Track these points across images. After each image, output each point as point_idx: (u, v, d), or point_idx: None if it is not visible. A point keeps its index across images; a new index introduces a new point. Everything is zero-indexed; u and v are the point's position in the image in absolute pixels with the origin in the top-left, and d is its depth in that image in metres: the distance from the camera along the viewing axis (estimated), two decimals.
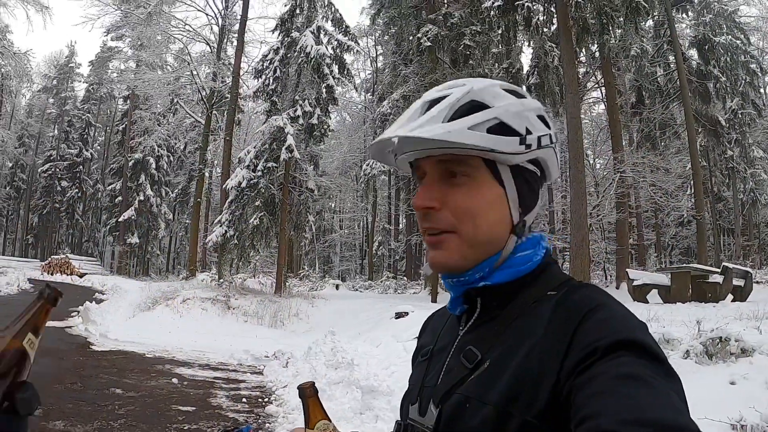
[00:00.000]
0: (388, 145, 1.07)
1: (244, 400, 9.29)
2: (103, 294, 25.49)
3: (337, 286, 31.31)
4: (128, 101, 49.80)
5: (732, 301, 15.56)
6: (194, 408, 8.35)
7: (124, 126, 50.57)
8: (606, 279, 28.37)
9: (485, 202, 1.01)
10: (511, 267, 1.02)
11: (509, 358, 0.93)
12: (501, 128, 1.00)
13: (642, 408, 0.72)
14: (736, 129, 32.81)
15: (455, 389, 0.99)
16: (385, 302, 20.36)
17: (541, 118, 1.05)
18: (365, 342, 12.09)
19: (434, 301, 21.63)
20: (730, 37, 31.04)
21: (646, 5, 19.34)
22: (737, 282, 16.52)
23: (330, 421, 1.02)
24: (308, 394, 1.03)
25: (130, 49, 45.91)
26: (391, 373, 9.45)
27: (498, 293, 1.03)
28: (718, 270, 17.06)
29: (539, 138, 1.03)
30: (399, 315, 14.13)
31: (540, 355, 0.89)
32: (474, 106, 1.00)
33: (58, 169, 56.64)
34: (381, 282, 32.91)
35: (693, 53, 31.46)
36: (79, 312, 17.85)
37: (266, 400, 9.44)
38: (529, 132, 1.02)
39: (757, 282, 21.19)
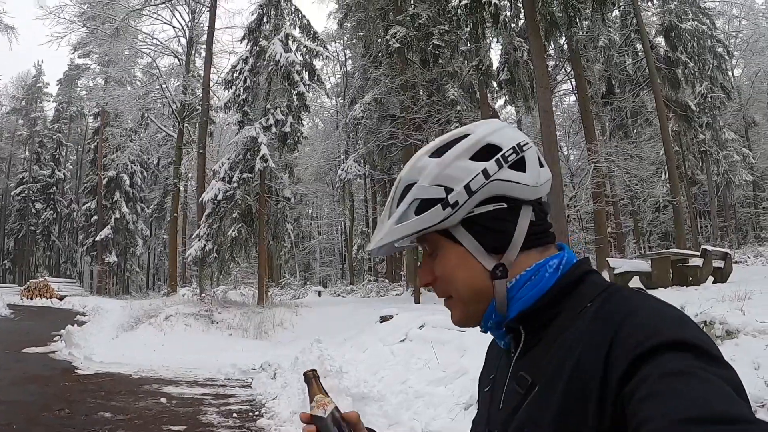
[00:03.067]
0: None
1: (234, 415, 9.24)
2: (85, 315, 25.26)
3: (319, 293, 31.25)
4: (99, 118, 49.40)
5: (713, 283, 15.68)
6: (185, 427, 8.29)
7: (95, 144, 50.14)
8: None
9: (452, 266, 1.05)
10: (517, 302, 1.02)
11: (557, 378, 0.92)
12: (423, 204, 1.03)
13: (692, 404, 0.71)
14: (706, 113, 33.18)
15: (513, 416, 0.99)
16: (369, 306, 20.39)
17: (479, 153, 1.03)
18: (352, 348, 12.08)
19: (417, 302, 21.61)
20: (695, 22, 31.31)
21: None
22: (717, 264, 16.66)
23: (326, 395, 1.16)
24: (310, 376, 1.20)
25: (98, 65, 45.54)
26: (381, 378, 9.44)
27: (536, 315, 1.02)
28: (698, 253, 17.21)
29: (467, 186, 1.01)
30: (384, 318, 14.08)
31: (583, 372, 0.87)
32: (406, 192, 1.06)
33: (31, 192, 55.95)
34: (363, 286, 32.90)
35: (660, 41, 31.71)
36: (61, 336, 17.69)
37: (257, 413, 9.40)
38: (450, 190, 1.02)
39: (736, 262, 21.41)
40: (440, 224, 1.02)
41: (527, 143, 1.05)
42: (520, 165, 1.03)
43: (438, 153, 1.05)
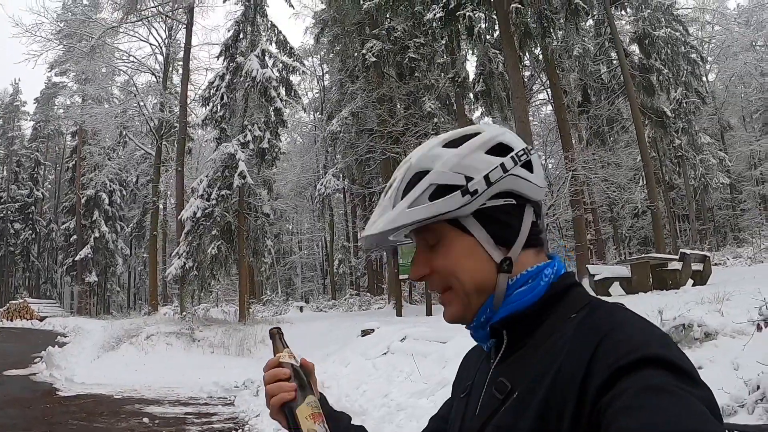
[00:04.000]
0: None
1: None
2: (66, 336, 25.03)
3: (301, 309, 31.09)
4: (76, 137, 49.06)
5: (693, 286, 15.75)
6: None
7: (74, 162, 49.77)
8: None
9: (459, 256, 1.05)
10: (511, 303, 1.04)
11: (537, 385, 0.93)
12: (440, 191, 1.03)
13: (666, 421, 0.73)
14: (682, 118, 33.43)
15: (489, 421, 1.01)
16: (351, 320, 20.33)
17: (493, 149, 1.06)
18: (335, 362, 12.07)
19: (399, 314, 21.60)
20: (669, 30, 31.59)
21: (585, 6, 19.70)
22: (696, 266, 16.77)
23: (288, 348, 1.21)
24: (275, 332, 1.25)
25: (75, 83, 45.36)
26: (363, 392, 9.44)
27: (522, 321, 1.04)
28: (676, 257, 17.32)
29: (486, 177, 1.03)
30: (365, 332, 14.09)
31: (564, 379, 0.89)
32: (416, 178, 1.05)
33: (9, 212, 55.35)
34: (345, 300, 32.78)
35: (634, 48, 31.97)
36: (42, 357, 17.55)
37: (240, 431, 9.36)
38: (470, 179, 1.03)
39: (716, 264, 21.59)
40: (456, 212, 1.03)
41: (532, 148, 1.09)
42: (529, 165, 1.06)
43: (452, 144, 1.07)
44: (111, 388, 13.90)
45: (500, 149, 1.06)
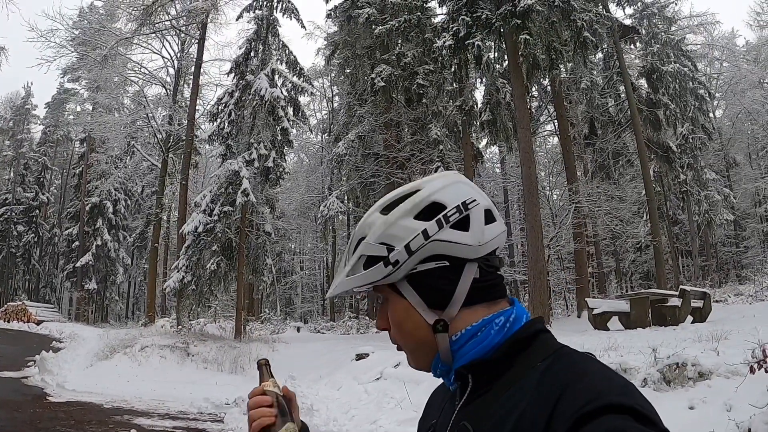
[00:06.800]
0: None
1: None
2: (61, 342, 25.00)
3: (298, 329, 30.99)
4: (85, 144, 49.13)
5: (692, 323, 15.76)
6: None
7: (80, 169, 49.87)
8: (567, 308, 28.53)
9: (399, 317, 1.10)
10: (465, 355, 1.06)
11: (499, 430, 0.95)
12: (369, 261, 1.08)
13: None
14: (687, 153, 33.40)
15: None
16: (347, 344, 20.24)
17: (423, 212, 1.07)
18: (327, 385, 12.04)
19: None
20: (677, 65, 31.68)
21: (594, 39, 19.75)
22: (696, 303, 16.73)
23: (273, 378, 1.26)
24: (262, 363, 1.30)
25: (87, 91, 45.45)
26: (351, 417, 9.41)
27: (488, 367, 1.05)
28: (676, 293, 17.27)
29: (407, 246, 1.05)
30: (360, 356, 14.11)
31: (526, 426, 0.91)
32: (356, 245, 1.12)
33: (14, 213, 55.38)
34: (343, 323, 32.66)
35: (642, 83, 32.02)
36: (35, 361, 17.52)
37: None
38: (391, 249, 1.06)
39: (717, 301, 21.49)
40: (383, 280, 1.07)
41: (474, 201, 1.07)
42: (463, 224, 1.06)
43: (387, 209, 1.09)
44: (102, 397, 13.87)
45: (431, 210, 1.06)
